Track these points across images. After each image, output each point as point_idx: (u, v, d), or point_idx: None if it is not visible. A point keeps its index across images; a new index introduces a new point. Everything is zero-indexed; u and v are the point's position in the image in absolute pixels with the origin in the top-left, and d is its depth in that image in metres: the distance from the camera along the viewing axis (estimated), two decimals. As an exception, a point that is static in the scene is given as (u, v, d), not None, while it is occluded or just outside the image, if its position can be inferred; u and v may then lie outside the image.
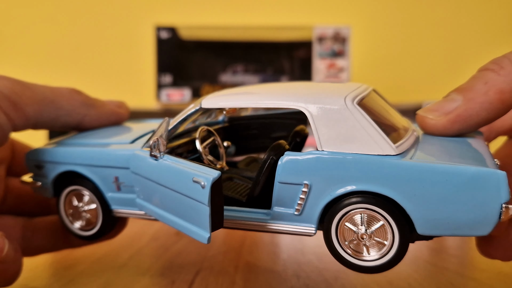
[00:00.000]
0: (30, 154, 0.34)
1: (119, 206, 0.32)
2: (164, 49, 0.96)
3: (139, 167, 0.30)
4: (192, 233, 0.28)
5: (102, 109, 0.36)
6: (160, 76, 0.96)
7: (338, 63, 0.97)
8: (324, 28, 0.97)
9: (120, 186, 0.32)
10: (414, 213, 0.26)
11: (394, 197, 0.26)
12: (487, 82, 0.28)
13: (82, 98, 0.35)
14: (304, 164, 0.27)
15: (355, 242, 0.27)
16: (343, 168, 0.26)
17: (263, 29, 1.03)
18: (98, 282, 0.36)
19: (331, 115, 0.27)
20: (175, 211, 0.28)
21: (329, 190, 0.27)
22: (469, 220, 0.25)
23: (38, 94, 0.32)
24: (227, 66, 1.04)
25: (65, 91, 0.34)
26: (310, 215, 0.28)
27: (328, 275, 0.37)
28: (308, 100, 0.28)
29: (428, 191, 0.25)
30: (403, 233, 0.26)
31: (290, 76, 1.05)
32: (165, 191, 0.28)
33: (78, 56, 1.30)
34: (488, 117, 0.28)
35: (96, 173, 0.32)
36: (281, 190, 0.28)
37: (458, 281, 0.36)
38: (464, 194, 0.25)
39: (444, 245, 0.48)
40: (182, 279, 0.36)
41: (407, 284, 0.35)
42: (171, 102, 0.96)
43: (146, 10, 1.30)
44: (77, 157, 0.32)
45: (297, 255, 0.44)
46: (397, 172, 0.25)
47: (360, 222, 0.27)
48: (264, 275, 0.37)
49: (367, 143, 0.26)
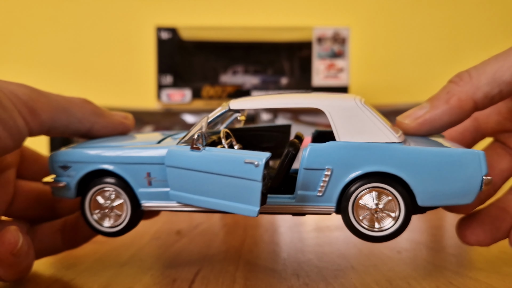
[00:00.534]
0: (55, 156, 0.36)
1: (149, 200, 0.35)
2: (165, 49, 0.96)
3: (180, 160, 0.33)
4: (240, 210, 0.32)
5: (110, 119, 0.38)
6: (161, 76, 0.96)
7: (337, 64, 0.97)
8: (324, 29, 0.97)
9: (151, 181, 0.35)
10: (416, 187, 0.32)
11: (401, 175, 0.32)
12: (449, 92, 0.34)
13: (92, 107, 0.37)
14: (327, 152, 0.32)
15: (368, 217, 0.33)
16: (359, 154, 0.32)
17: (263, 30, 1.03)
18: (99, 281, 0.36)
19: (346, 112, 0.33)
20: (221, 193, 0.32)
21: (347, 172, 0.32)
22: (458, 190, 0.32)
23: (53, 101, 0.34)
24: (227, 66, 1.05)
25: (77, 100, 0.36)
26: (331, 195, 0.33)
27: (328, 274, 0.38)
28: (326, 100, 0.34)
29: (426, 169, 0.32)
30: (407, 206, 0.32)
31: (290, 77, 1.05)
32: (211, 177, 0.32)
33: (79, 56, 1.30)
34: (450, 120, 0.34)
35: (128, 170, 0.35)
36: (306, 175, 0.33)
37: (457, 280, 0.36)
38: (454, 170, 0.31)
39: (443, 245, 0.48)
40: (183, 278, 0.36)
41: (406, 283, 0.35)
42: (172, 102, 0.97)
43: (147, 11, 1.30)
44: (109, 156, 0.35)
45: (297, 254, 0.44)
46: (402, 155, 0.32)
47: (373, 199, 0.33)
48: (264, 274, 0.38)
49: (376, 134, 0.32)
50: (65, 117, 0.35)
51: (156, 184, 0.35)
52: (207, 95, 0.97)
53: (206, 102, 0.97)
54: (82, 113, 0.36)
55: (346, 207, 0.33)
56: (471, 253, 0.45)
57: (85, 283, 0.35)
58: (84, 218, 0.36)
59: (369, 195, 0.33)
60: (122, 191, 0.35)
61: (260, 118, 1.01)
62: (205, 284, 0.35)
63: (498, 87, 0.33)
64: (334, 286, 0.34)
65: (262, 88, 1.01)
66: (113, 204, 0.35)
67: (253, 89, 0.98)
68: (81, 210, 0.36)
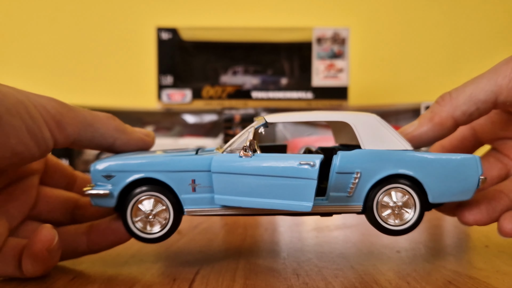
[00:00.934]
0: (99, 165, 0.38)
1: (192, 206, 0.37)
2: (165, 50, 0.96)
3: (229, 166, 0.36)
4: (293, 207, 0.35)
5: (132, 136, 0.40)
6: (161, 76, 0.96)
7: (337, 64, 0.98)
8: (324, 29, 0.97)
9: (195, 187, 0.37)
10: (428, 187, 0.38)
11: (417, 176, 0.37)
12: (432, 111, 0.40)
13: (116, 124, 0.39)
14: (355, 158, 0.37)
15: (389, 213, 0.38)
16: (382, 159, 0.37)
17: (263, 30, 1.03)
18: (100, 279, 0.36)
19: (368, 125, 0.39)
20: (273, 193, 0.36)
21: (374, 175, 0.37)
22: (460, 188, 0.38)
23: (79, 116, 0.36)
24: (227, 67, 1.05)
25: (103, 116, 0.38)
26: (359, 196, 0.38)
27: (327, 273, 0.38)
28: (351, 116, 0.39)
29: (436, 171, 0.38)
30: (421, 202, 0.38)
31: (290, 77, 1.06)
32: (263, 179, 0.36)
33: (80, 57, 1.30)
34: (434, 136, 0.40)
35: (173, 178, 0.37)
36: (337, 179, 0.37)
37: (456, 279, 0.36)
38: (456, 171, 0.38)
39: (442, 244, 0.48)
40: (183, 277, 0.37)
41: (405, 283, 0.35)
42: (172, 102, 0.97)
43: (148, 13, 1.30)
44: (155, 165, 0.37)
45: (296, 254, 0.44)
46: (417, 160, 0.38)
47: (394, 197, 0.38)
48: (264, 273, 0.38)
49: (394, 143, 0.38)
50: (89, 132, 0.36)
51: (200, 190, 0.37)
52: (207, 95, 0.97)
53: (206, 102, 0.97)
54: (106, 129, 0.38)
55: (371, 206, 0.38)
56: (470, 252, 0.45)
57: (86, 282, 0.36)
58: (125, 225, 0.37)
59: (388, 195, 0.38)
60: (166, 198, 0.37)
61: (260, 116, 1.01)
62: (205, 283, 0.35)
63: (475, 105, 0.38)
64: (333, 285, 0.35)
65: (262, 88, 1.01)
66: (155, 211, 0.37)
67: (253, 89, 0.98)
68: (122, 218, 0.37)
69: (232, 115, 0.98)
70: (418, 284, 0.35)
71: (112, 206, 0.37)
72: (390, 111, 1.03)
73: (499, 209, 0.39)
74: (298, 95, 0.98)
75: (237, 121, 0.98)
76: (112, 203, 0.37)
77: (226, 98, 0.98)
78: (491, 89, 0.38)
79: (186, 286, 0.34)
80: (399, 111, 1.02)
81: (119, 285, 0.35)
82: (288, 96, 0.98)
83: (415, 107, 0.98)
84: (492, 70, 0.39)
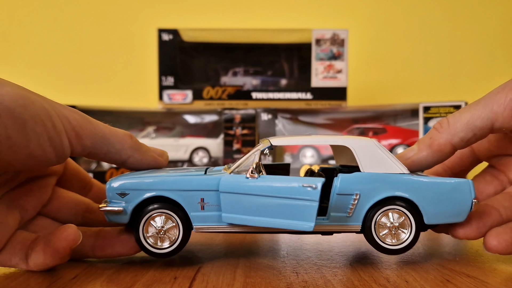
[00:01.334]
0: (114, 183, 0.39)
1: (200, 223, 0.39)
2: (166, 50, 0.96)
3: (236, 186, 0.38)
4: (296, 226, 0.37)
5: (146, 155, 0.42)
6: (162, 77, 0.97)
7: (336, 65, 0.98)
8: (323, 30, 0.98)
9: (204, 206, 0.39)
10: (423, 209, 0.39)
11: (412, 198, 0.39)
12: (431, 137, 0.41)
13: (133, 142, 0.40)
14: (355, 180, 0.39)
15: (387, 232, 0.40)
16: (380, 182, 0.39)
17: (263, 31, 1.03)
18: (101, 278, 0.36)
19: (367, 149, 0.40)
20: (277, 213, 0.37)
21: (372, 196, 0.39)
22: (454, 211, 0.40)
23: (98, 131, 0.38)
24: (227, 68, 1.05)
25: (120, 133, 0.40)
26: (358, 216, 0.39)
27: (327, 271, 0.38)
28: (350, 140, 0.41)
29: (431, 194, 0.39)
30: (417, 223, 0.40)
31: (290, 78, 1.06)
32: (267, 200, 0.37)
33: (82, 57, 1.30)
34: (433, 161, 0.41)
35: (184, 196, 0.39)
36: (338, 200, 0.39)
37: (453, 278, 0.36)
38: (451, 195, 0.39)
39: (440, 244, 0.49)
40: (184, 275, 0.37)
41: (404, 281, 0.36)
42: (174, 103, 0.97)
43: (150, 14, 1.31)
44: (167, 184, 0.39)
45: (296, 252, 0.44)
46: (413, 183, 0.39)
47: (391, 218, 0.40)
48: (264, 271, 0.38)
49: (391, 166, 0.40)
50: (105, 146, 0.38)
51: (209, 209, 0.39)
52: (208, 96, 0.98)
53: (206, 103, 0.98)
54: (122, 145, 0.39)
55: (370, 226, 0.39)
56: (467, 251, 0.46)
57: (87, 281, 0.36)
58: (137, 240, 0.39)
59: (386, 216, 0.40)
60: (176, 215, 0.39)
61: (261, 117, 1.01)
62: (206, 281, 0.35)
63: (471, 132, 0.40)
64: (332, 283, 0.35)
65: (262, 89, 1.01)
66: (166, 227, 0.39)
67: (253, 90, 0.99)
68: (135, 233, 0.39)
69: (233, 115, 0.98)
70: (417, 283, 0.35)
71: (125, 223, 0.39)
72: (388, 111, 1.03)
73: (489, 224, 0.40)
74: (298, 96, 0.99)
75: (237, 121, 0.98)
76: (126, 219, 0.39)
77: (227, 99, 0.98)
78: (487, 116, 0.39)
79: (187, 284, 0.35)
80: (398, 111, 1.02)
81: (120, 283, 0.35)
82: (288, 97, 0.98)
83: (414, 107, 0.98)
84: (488, 97, 0.40)
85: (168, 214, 0.39)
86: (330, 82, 0.98)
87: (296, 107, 0.99)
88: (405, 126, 1.01)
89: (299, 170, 1.00)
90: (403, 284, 0.35)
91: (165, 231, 0.39)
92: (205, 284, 0.35)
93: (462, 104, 0.86)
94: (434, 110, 0.89)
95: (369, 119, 1.05)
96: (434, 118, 0.89)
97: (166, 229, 0.39)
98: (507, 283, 0.35)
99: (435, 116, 0.89)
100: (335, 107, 0.99)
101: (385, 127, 1.01)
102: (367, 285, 0.34)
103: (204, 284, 0.35)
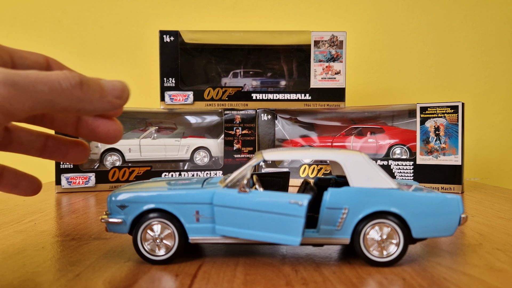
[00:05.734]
0: (115, 196, 0.42)
1: (195, 235, 0.41)
2: (168, 52, 0.97)
3: (228, 200, 0.40)
4: (283, 241, 0.38)
5: (100, 103, 0.34)
6: (164, 78, 0.97)
7: (334, 66, 0.99)
8: (321, 33, 0.98)
9: (199, 218, 0.41)
10: (411, 223, 0.40)
11: (400, 213, 0.40)
12: None
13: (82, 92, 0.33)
14: (344, 194, 0.40)
15: (375, 246, 0.40)
16: (368, 197, 0.40)
17: (263, 33, 1.04)
18: (104, 276, 0.37)
19: (356, 163, 0.41)
20: (266, 227, 0.39)
21: (360, 211, 0.40)
22: (442, 225, 0.40)
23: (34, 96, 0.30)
24: (228, 69, 1.06)
25: (56, 83, 0.32)
26: (347, 229, 0.40)
27: (325, 269, 0.39)
28: (340, 155, 0.42)
29: (419, 209, 0.40)
30: (405, 237, 0.40)
31: (289, 79, 1.07)
32: (257, 214, 0.39)
33: (84, 58, 1.31)
34: None
35: (179, 209, 0.41)
36: (327, 213, 0.40)
37: (451, 276, 0.37)
38: (439, 210, 0.40)
39: (437, 241, 0.49)
40: (186, 273, 0.38)
41: (401, 279, 0.36)
42: (175, 104, 0.98)
43: (152, 17, 1.31)
44: (164, 197, 0.41)
45: (295, 251, 0.45)
46: (401, 198, 0.40)
47: (380, 232, 0.40)
48: (263, 269, 0.39)
49: (380, 181, 0.41)
50: (47, 108, 0.31)
51: (203, 221, 0.41)
52: (209, 97, 0.98)
53: (207, 104, 0.99)
54: (68, 103, 0.31)
55: (358, 238, 0.40)
56: (464, 250, 0.46)
57: (90, 278, 0.36)
58: (135, 247, 0.41)
59: (374, 230, 0.40)
60: (172, 226, 0.41)
61: (261, 118, 1.02)
62: (207, 278, 0.36)
63: None
64: (331, 280, 0.35)
65: (262, 90, 1.02)
66: (162, 235, 0.41)
67: (253, 91, 0.99)
68: (133, 241, 0.41)
69: (233, 116, 0.99)
70: (414, 280, 0.35)
71: (125, 233, 0.42)
72: (386, 112, 1.04)
73: None
74: (297, 97, 0.99)
75: (237, 121, 0.99)
76: (125, 230, 0.41)
77: (227, 100, 0.99)
78: None
79: (188, 281, 0.35)
80: (395, 111, 1.03)
81: (122, 281, 0.36)
82: (287, 98, 0.99)
83: (411, 108, 0.99)
84: None
85: (165, 223, 0.41)
86: (329, 83, 0.99)
87: (295, 107, 0.99)
88: (403, 126, 1.02)
89: (299, 170, 1.00)
90: (400, 281, 0.35)
91: (162, 239, 0.41)
92: (206, 281, 0.35)
93: (459, 104, 0.87)
94: (431, 110, 0.90)
95: (367, 119, 1.06)
96: (431, 118, 0.90)
97: (163, 237, 0.41)
98: (504, 281, 0.36)
99: (432, 116, 0.90)
100: (334, 107, 0.99)
101: (383, 127, 1.02)
102: (365, 282, 0.35)
103: (205, 281, 0.35)
